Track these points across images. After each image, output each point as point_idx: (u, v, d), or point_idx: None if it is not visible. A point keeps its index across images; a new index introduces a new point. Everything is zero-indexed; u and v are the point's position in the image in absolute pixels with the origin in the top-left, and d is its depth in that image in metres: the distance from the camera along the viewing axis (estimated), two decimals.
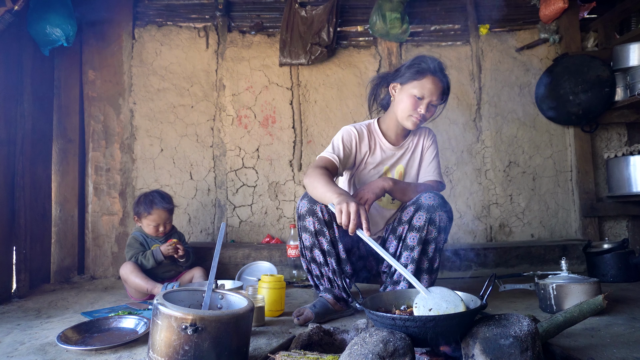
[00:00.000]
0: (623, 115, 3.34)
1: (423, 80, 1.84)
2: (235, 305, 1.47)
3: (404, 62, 1.96)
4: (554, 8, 3.29)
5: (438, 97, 1.87)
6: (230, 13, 3.50)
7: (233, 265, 3.04)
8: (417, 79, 1.84)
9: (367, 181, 2.00)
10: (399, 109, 1.92)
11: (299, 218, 1.89)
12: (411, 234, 1.82)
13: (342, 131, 2.02)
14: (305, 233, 1.89)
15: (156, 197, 2.59)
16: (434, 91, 1.85)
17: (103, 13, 3.35)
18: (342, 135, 1.99)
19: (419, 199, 1.83)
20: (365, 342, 1.13)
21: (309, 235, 1.88)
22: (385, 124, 2.05)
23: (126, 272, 2.42)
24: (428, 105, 1.87)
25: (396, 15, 3.29)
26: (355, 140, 1.98)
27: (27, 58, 2.80)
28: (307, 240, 1.90)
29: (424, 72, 1.84)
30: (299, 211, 1.89)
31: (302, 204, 1.87)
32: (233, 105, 3.45)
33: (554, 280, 2.08)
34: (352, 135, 1.99)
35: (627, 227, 3.43)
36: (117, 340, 1.65)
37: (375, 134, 2.04)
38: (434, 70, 1.84)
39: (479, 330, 1.20)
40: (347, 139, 1.98)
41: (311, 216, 1.84)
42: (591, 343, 1.56)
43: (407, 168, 2.08)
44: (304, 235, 1.90)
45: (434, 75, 1.84)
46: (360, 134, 2.00)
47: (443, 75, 1.88)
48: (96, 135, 3.32)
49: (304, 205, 1.85)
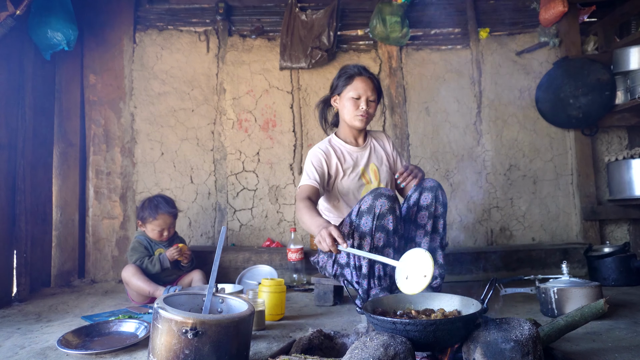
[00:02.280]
0: (623, 118, 3.34)
1: (354, 82, 2.13)
2: (236, 309, 1.46)
3: (334, 79, 2.21)
4: (553, 12, 3.30)
5: (372, 92, 2.15)
6: (230, 17, 3.51)
7: (233, 269, 3.04)
8: (349, 84, 2.14)
9: (350, 187, 2.17)
10: (345, 115, 2.18)
11: (378, 217, 1.91)
12: (421, 213, 2.05)
13: (309, 156, 2.18)
14: (381, 232, 1.92)
15: (161, 202, 2.59)
16: (366, 88, 2.13)
17: (104, 17, 3.37)
18: (311, 160, 2.15)
19: (422, 184, 2.07)
20: (365, 346, 1.13)
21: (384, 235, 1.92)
22: (342, 133, 2.28)
23: (128, 274, 2.42)
24: (367, 101, 2.14)
25: (396, 19, 3.30)
26: (323, 159, 2.15)
27: (29, 62, 2.81)
28: (382, 240, 1.93)
29: (352, 76, 2.14)
30: (379, 210, 1.91)
31: (382, 202, 1.91)
32: (233, 109, 3.46)
33: (555, 284, 2.07)
34: (320, 156, 2.16)
35: (629, 231, 3.43)
36: (118, 344, 1.65)
37: (338, 144, 2.24)
38: (360, 72, 2.16)
39: (479, 334, 1.19)
40: (316, 161, 2.15)
41: (391, 214, 1.91)
42: (593, 347, 1.56)
43: (379, 166, 2.27)
44: (379, 234, 1.92)
45: (361, 76, 2.15)
46: (326, 152, 2.18)
47: (369, 74, 2.18)
48: (97, 139, 3.32)
49: (384, 204, 1.90)
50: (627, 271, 2.68)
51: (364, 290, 1.98)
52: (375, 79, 2.20)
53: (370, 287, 1.97)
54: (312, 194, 2.05)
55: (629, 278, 2.68)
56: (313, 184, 2.08)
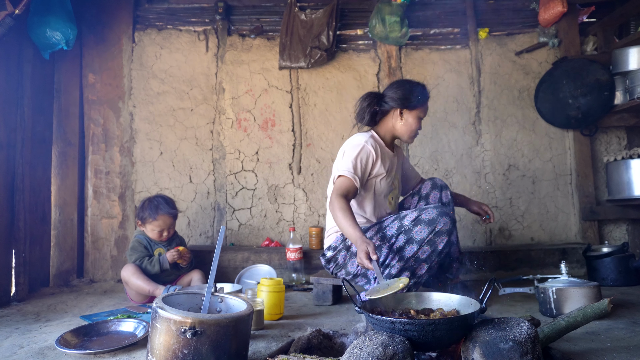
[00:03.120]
0: (622, 118, 3.35)
1: (425, 105, 2.27)
2: (235, 309, 1.46)
3: (404, 90, 2.23)
4: (553, 12, 3.30)
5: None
6: (230, 17, 3.50)
7: (232, 268, 3.04)
8: (422, 105, 2.25)
9: (384, 189, 2.23)
10: (405, 129, 2.25)
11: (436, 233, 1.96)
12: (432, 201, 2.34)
13: (358, 148, 2.12)
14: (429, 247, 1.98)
15: (161, 202, 2.59)
16: (427, 111, 2.32)
17: (103, 17, 3.36)
18: (361, 155, 2.11)
19: (433, 181, 2.37)
20: (364, 345, 1.13)
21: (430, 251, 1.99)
22: (382, 136, 2.30)
23: (128, 274, 2.42)
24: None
25: (395, 19, 3.30)
26: (372, 158, 2.15)
27: (28, 61, 2.81)
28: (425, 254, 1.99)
29: (426, 99, 2.27)
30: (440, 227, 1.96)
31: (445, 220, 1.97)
32: (233, 108, 3.46)
33: (553, 283, 2.08)
34: (371, 153, 2.15)
35: (627, 231, 3.43)
36: (116, 344, 1.65)
37: (381, 144, 2.25)
38: (428, 97, 2.30)
39: (478, 334, 1.20)
40: (365, 158, 2.12)
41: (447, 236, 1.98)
42: (591, 347, 1.56)
43: (399, 175, 2.41)
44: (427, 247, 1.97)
45: (428, 100, 2.30)
46: (376, 150, 2.17)
47: None
48: (96, 138, 3.32)
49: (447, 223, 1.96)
50: (626, 271, 2.69)
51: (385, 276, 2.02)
52: None
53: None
54: (350, 192, 2.04)
55: (628, 278, 2.69)
56: (355, 182, 2.06)
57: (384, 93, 2.27)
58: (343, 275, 2.21)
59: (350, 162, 2.08)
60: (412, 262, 1.97)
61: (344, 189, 2.03)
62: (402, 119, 2.23)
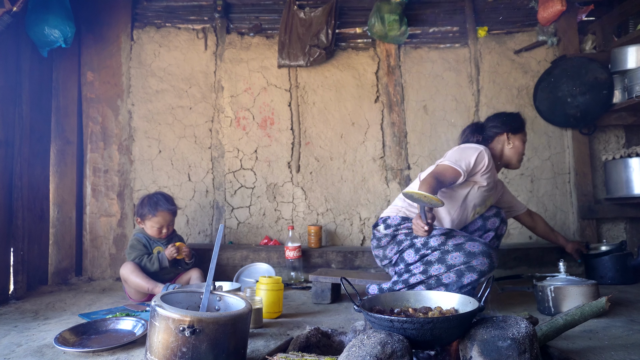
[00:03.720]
0: (621, 117, 3.35)
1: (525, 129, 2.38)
2: (233, 307, 1.46)
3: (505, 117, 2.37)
4: (552, 10, 3.30)
5: None
6: (229, 15, 3.50)
7: (231, 266, 3.04)
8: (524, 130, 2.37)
9: (475, 200, 2.23)
10: (513, 154, 2.34)
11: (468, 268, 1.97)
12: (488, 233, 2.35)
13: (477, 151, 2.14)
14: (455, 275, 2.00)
15: (160, 199, 2.59)
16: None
17: (102, 14, 3.35)
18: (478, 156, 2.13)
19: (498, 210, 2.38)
20: (363, 344, 1.13)
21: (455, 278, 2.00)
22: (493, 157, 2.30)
23: (127, 272, 2.42)
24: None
25: (395, 17, 3.29)
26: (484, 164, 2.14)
27: (26, 59, 2.80)
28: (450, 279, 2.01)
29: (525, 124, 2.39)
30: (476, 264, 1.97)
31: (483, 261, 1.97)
32: (231, 106, 3.45)
33: (552, 282, 2.08)
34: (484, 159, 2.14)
35: (625, 229, 3.44)
36: (115, 342, 1.65)
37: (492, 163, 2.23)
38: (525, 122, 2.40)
39: (476, 332, 1.20)
40: (479, 160, 2.13)
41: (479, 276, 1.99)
42: (589, 345, 1.57)
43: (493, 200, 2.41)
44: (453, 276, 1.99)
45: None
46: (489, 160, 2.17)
47: None
48: (94, 136, 3.31)
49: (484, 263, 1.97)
50: (623, 269, 2.69)
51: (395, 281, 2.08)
52: None
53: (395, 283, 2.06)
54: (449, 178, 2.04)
55: (625, 276, 2.69)
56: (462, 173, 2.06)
57: (485, 123, 2.41)
58: (379, 253, 2.24)
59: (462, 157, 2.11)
60: (431, 281, 2.00)
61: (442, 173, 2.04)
62: (509, 143, 2.33)
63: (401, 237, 2.14)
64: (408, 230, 2.14)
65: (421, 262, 2.03)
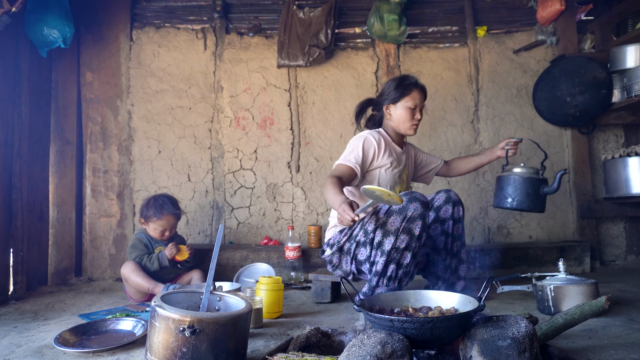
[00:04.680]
0: (620, 116, 3.36)
1: (412, 94, 2.28)
2: (233, 307, 1.47)
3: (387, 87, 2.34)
4: (551, 10, 3.30)
5: (423, 102, 2.34)
6: (228, 15, 3.50)
7: (231, 267, 3.04)
8: (407, 95, 2.28)
9: (389, 181, 2.25)
10: (399, 123, 2.31)
11: (408, 220, 1.94)
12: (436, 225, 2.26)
13: (360, 140, 2.21)
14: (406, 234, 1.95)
15: (166, 202, 2.59)
16: (421, 98, 2.32)
17: (101, 15, 3.35)
18: (363, 144, 2.19)
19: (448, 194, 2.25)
20: (363, 343, 1.13)
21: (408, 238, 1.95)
22: (389, 133, 2.36)
23: (128, 271, 2.42)
24: (419, 111, 2.32)
25: (394, 17, 3.30)
26: (374, 146, 2.21)
27: (25, 60, 2.80)
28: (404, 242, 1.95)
29: (410, 87, 2.29)
30: (412, 213, 1.94)
31: (415, 205, 1.94)
32: (231, 106, 3.45)
33: (551, 281, 2.08)
34: (373, 142, 2.21)
35: (624, 229, 3.44)
36: (115, 342, 1.65)
37: (387, 139, 2.31)
38: (416, 83, 2.31)
39: (476, 331, 1.20)
40: (367, 146, 2.20)
41: (421, 220, 1.95)
42: (589, 344, 1.57)
43: (408, 172, 2.44)
44: (404, 236, 1.94)
45: (417, 87, 2.31)
46: (378, 140, 2.24)
47: (421, 85, 2.35)
48: (94, 137, 3.31)
49: (417, 208, 1.94)
50: (534, 195, 2.43)
51: (371, 287, 2.00)
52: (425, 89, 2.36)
53: (377, 285, 1.99)
54: (346, 175, 2.08)
55: (535, 203, 2.44)
56: (354, 167, 2.11)
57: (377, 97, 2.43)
58: (340, 274, 2.23)
59: (350, 151, 2.18)
60: (394, 254, 1.96)
61: (339, 171, 2.09)
62: (389, 115, 2.33)
63: (347, 245, 2.16)
64: (347, 235, 2.15)
65: (374, 248, 2.01)
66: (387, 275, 1.98)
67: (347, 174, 2.10)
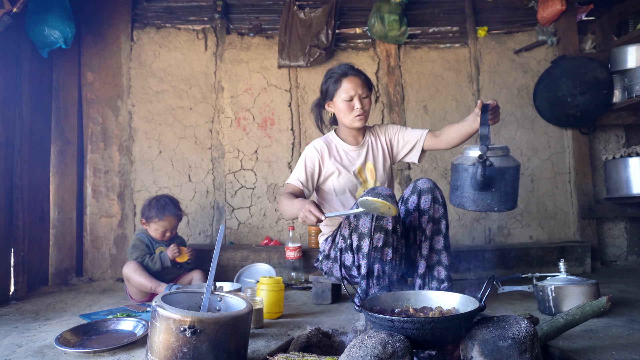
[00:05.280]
0: (621, 117, 3.35)
1: (343, 84, 2.11)
2: (234, 308, 1.47)
3: (322, 84, 2.22)
4: (551, 10, 3.30)
5: (363, 89, 2.12)
6: (228, 15, 3.50)
7: (232, 267, 3.04)
8: (339, 87, 2.12)
9: (346, 186, 2.18)
10: (343, 118, 2.17)
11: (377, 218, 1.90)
12: (423, 217, 2.01)
13: (304, 154, 2.20)
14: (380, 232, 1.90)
15: (169, 203, 2.60)
16: (356, 86, 2.11)
17: (101, 15, 3.36)
18: (305, 159, 2.17)
19: (417, 186, 2.02)
20: (363, 344, 1.13)
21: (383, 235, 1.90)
22: (341, 133, 2.29)
23: (130, 270, 2.43)
24: (360, 100, 2.11)
25: (394, 17, 3.30)
26: (317, 159, 2.17)
27: (26, 60, 2.80)
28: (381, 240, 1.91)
29: (339, 79, 2.12)
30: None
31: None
32: (232, 107, 3.45)
33: (552, 282, 2.08)
34: (314, 155, 2.17)
35: (625, 229, 3.44)
36: (116, 342, 1.65)
37: (336, 142, 2.25)
38: (345, 72, 2.13)
39: (477, 332, 1.20)
40: (309, 161, 2.17)
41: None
42: (590, 345, 1.57)
43: (376, 164, 2.26)
44: (378, 234, 1.90)
45: (347, 76, 2.12)
46: (321, 150, 2.18)
47: (355, 71, 2.15)
48: (94, 137, 3.31)
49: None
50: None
51: (363, 290, 1.99)
52: (362, 74, 2.16)
53: (369, 286, 1.98)
54: (296, 192, 2.09)
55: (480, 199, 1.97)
56: (297, 183, 2.11)
57: None
58: (334, 281, 2.27)
59: (295, 169, 2.18)
60: (374, 254, 1.92)
61: (290, 189, 2.10)
62: (329, 112, 2.26)
63: (332, 253, 2.15)
64: (330, 243, 2.15)
65: (355, 252, 1.98)
66: (375, 275, 1.96)
67: (298, 192, 2.09)
